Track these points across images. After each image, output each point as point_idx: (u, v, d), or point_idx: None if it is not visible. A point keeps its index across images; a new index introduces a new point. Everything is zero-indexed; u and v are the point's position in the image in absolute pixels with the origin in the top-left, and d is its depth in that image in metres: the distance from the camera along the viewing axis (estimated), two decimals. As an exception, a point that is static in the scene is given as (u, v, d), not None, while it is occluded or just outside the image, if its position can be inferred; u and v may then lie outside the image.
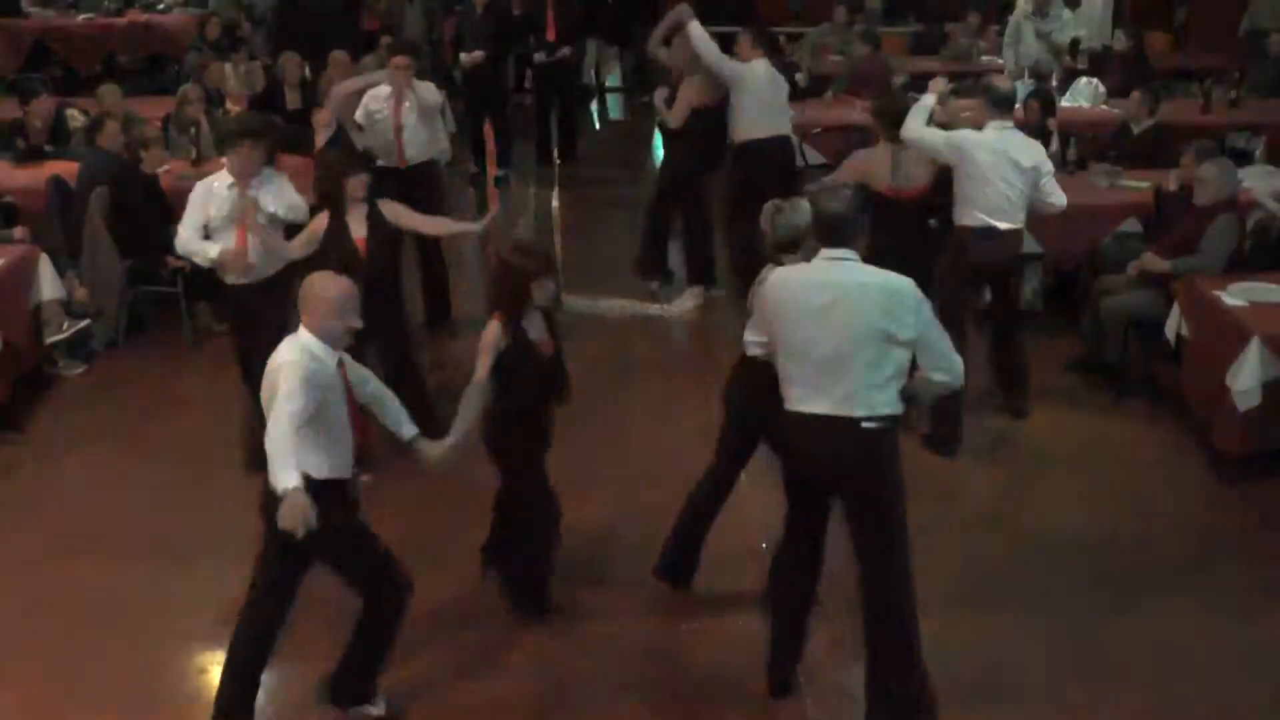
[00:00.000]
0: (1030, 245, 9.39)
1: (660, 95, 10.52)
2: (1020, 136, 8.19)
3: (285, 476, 4.85)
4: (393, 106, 9.86)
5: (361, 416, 5.50)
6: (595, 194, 13.92)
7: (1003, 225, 8.01)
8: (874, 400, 5.16)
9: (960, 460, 7.93)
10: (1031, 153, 8.11)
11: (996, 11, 16.06)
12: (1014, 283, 8.57)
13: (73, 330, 9.26)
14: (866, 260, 5.29)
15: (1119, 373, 8.87)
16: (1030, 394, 8.59)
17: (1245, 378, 7.65)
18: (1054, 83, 13.21)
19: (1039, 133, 10.63)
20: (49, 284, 9.08)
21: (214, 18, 14.96)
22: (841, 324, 5.14)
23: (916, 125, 8.11)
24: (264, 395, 5.16)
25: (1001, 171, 7.98)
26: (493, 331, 5.89)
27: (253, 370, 6.93)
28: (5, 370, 8.53)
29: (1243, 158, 10.73)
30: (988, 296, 8.69)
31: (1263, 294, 8.14)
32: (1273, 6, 15.30)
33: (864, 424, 5.17)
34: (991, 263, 8.12)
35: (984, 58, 14.90)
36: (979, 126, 8.20)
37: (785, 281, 5.39)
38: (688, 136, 10.35)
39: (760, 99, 10.06)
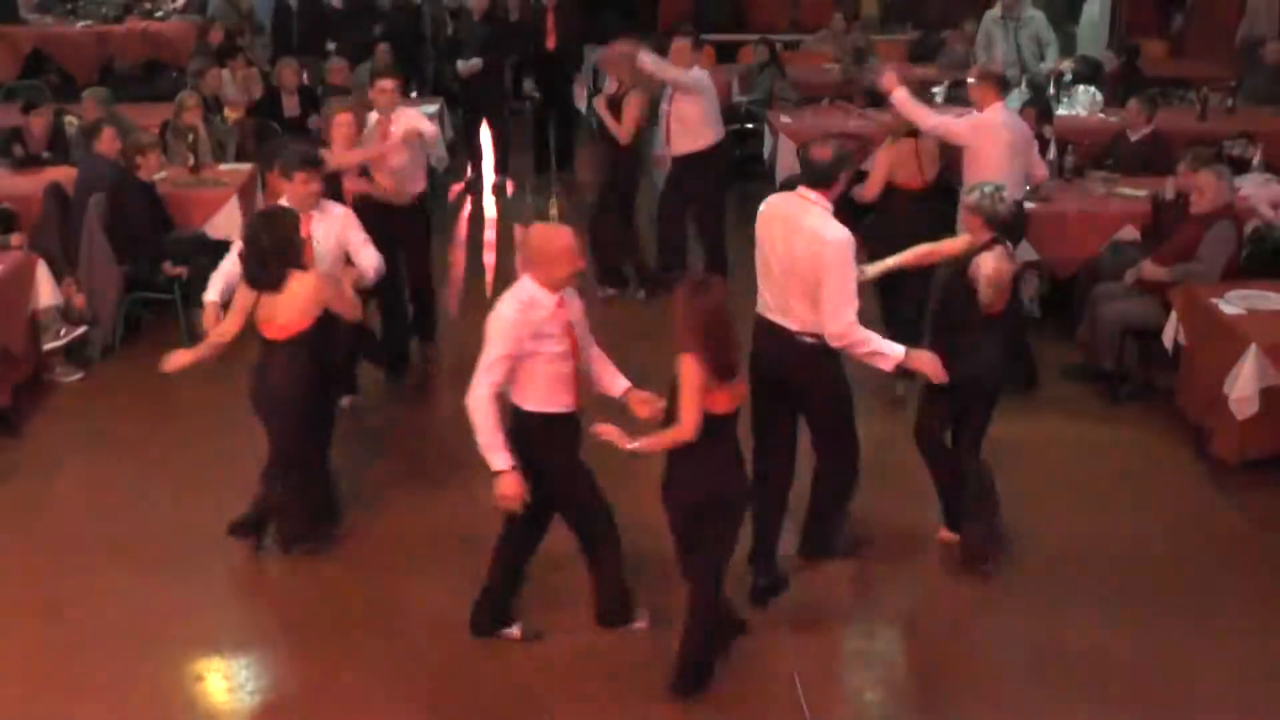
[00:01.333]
0: (1027, 253, 9.42)
1: (600, 104, 10.71)
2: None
3: (496, 460, 5.63)
4: (378, 138, 8.91)
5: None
6: (592, 201, 13.82)
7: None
8: (808, 320, 6.17)
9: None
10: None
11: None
12: None
13: (70, 337, 9.23)
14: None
15: (1116, 380, 8.86)
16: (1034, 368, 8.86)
17: (1243, 385, 7.65)
18: (1053, 88, 13.21)
19: (1036, 138, 10.65)
20: (46, 291, 9.04)
21: (216, 24, 14.94)
22: (784, 253, 6.21)
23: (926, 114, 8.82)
24: None
25: (1020, 147, 8.82)
26: (696, 372, 5.46)
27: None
28: (3, 377, 8.51)
29: (1239, 165, 10.70)
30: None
31: (1260, 302, 8.14)
32: (1269, 15, 15.30)
33: (800, 337, 6.24)
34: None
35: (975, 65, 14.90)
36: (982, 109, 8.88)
37: (768, 203, 6.42)
38: (633, 149, 10.60)
39: (713, 104, 10.49)
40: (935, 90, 13.19)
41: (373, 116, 9.08)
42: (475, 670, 6.08)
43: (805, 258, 6.12)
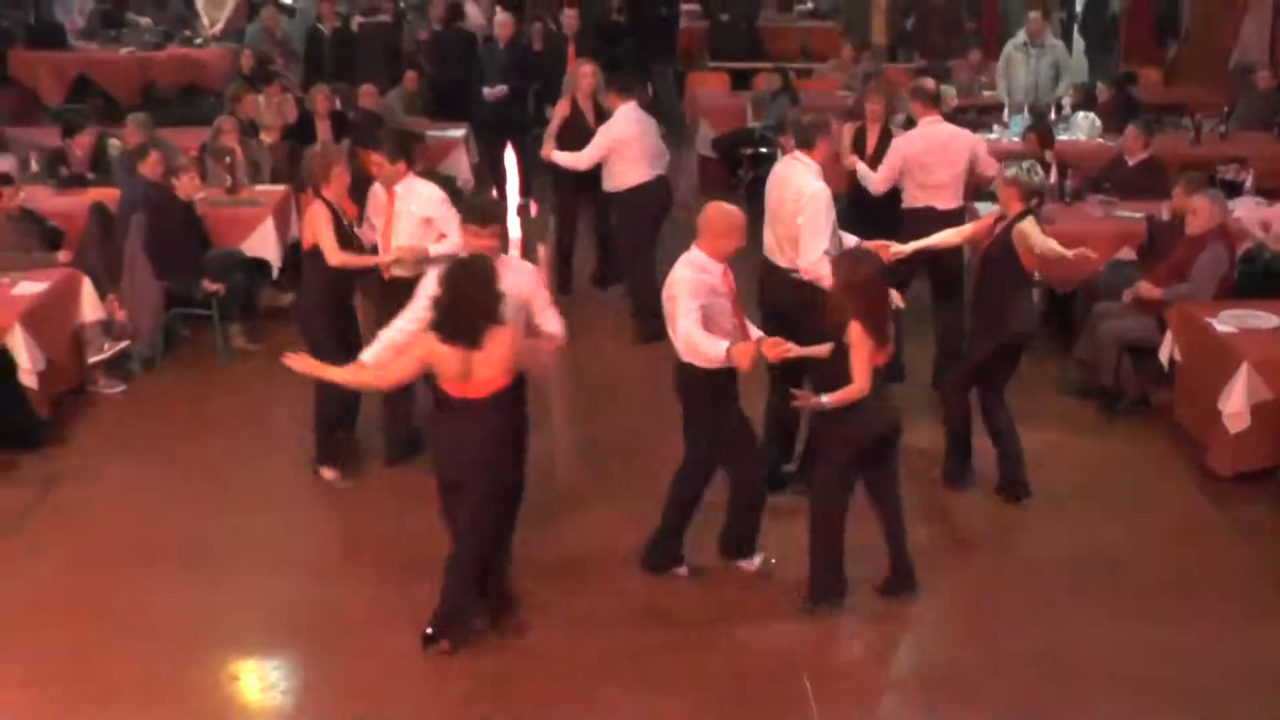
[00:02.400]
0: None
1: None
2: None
3: (716, 346, 6.08)
4: (385, 207, 7.95)
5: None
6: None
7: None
8: (792, 257, 7.36)
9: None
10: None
11: (997, 48, 16.04)
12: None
13: (113, 351, 9.27)
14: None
15: (1114, 395, 8.85)
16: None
17: (1235, 401, 7.66)
18: (1054, 114, 13.20)
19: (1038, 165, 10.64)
20: (90, 306, 9.10)
21: (248, 50, 15.01)
22: (775, 203, 7.43)
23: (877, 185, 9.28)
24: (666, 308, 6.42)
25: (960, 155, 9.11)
26: (863, 337, 6.15)
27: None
28: (49, 388, 8.55)
29: (1232, 189, 10.69)
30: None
31: (1252, 320, 8.15)
32: (1260, 43, 15.28)
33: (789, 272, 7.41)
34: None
35: (985, 92, 14.88)
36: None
37: (774, 169, 7.69)
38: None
39: (635, 147, 10.17)
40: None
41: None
42: (506, 670, 6.10)
43: (790, 207, 7.31)
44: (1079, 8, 16.26)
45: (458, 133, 13.53)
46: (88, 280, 9.18)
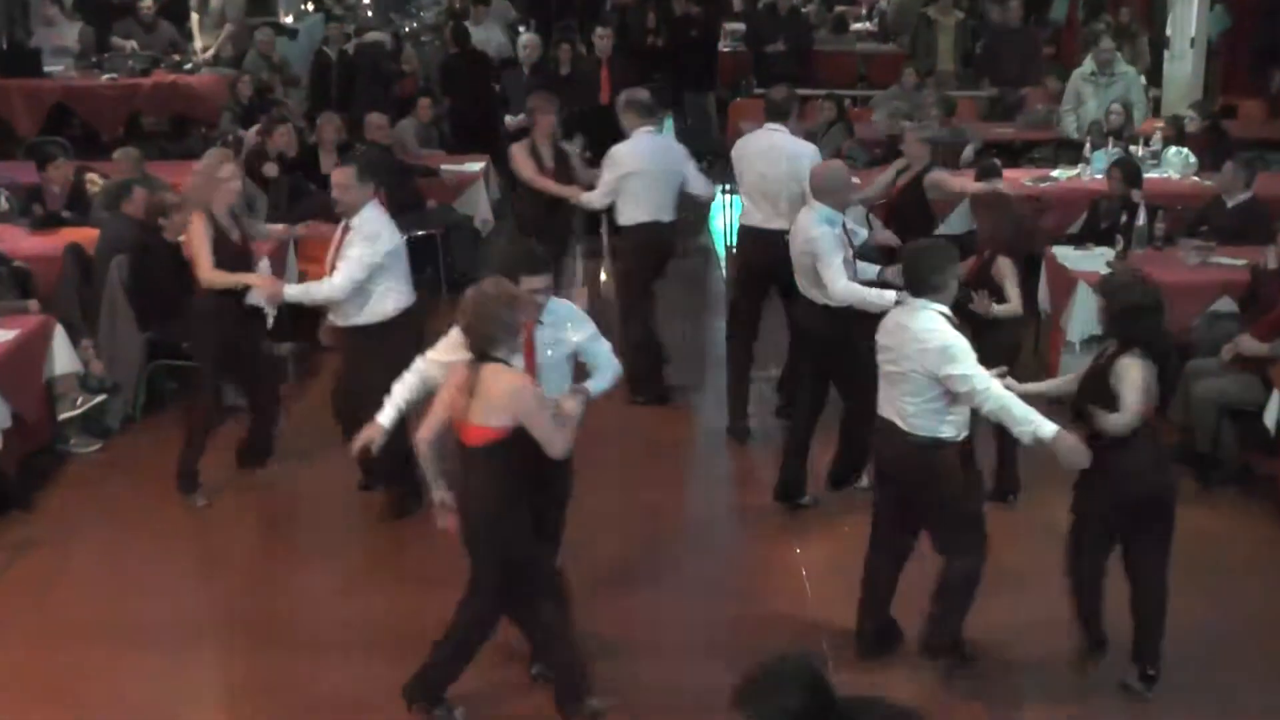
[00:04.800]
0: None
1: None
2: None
3: (883, 296, 7.66)
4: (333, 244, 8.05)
5: None
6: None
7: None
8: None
9: (1035, 546, 7.82)
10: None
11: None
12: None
13: (88, 405, 9.32)
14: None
15: (1212, 463, 8.79)
16: None
17: (1351, 471, 7.59)
18: (1141, 148, 13.18)
19: (1123, 204, 10.63)
20: (63, 357, 9.14)
21: (245, 78, 15.14)
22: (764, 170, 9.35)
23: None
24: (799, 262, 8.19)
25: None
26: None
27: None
28: (17, 447, 8.59)
29: (1346, 233, 10.64)
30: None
31: (1369, 379, 8.09)
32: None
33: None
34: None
35: (1061, 124, 14.88)
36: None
37: (749, 144, 9.67)
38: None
39: (643, 180, 10.02)
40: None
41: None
42: None
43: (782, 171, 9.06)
44: (1169, 30, 16.22)
45: (476, 166, 13.59)
46: (61, 328, 9.23)
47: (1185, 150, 13.01)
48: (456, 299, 6.13)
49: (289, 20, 19.26)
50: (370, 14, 20.59)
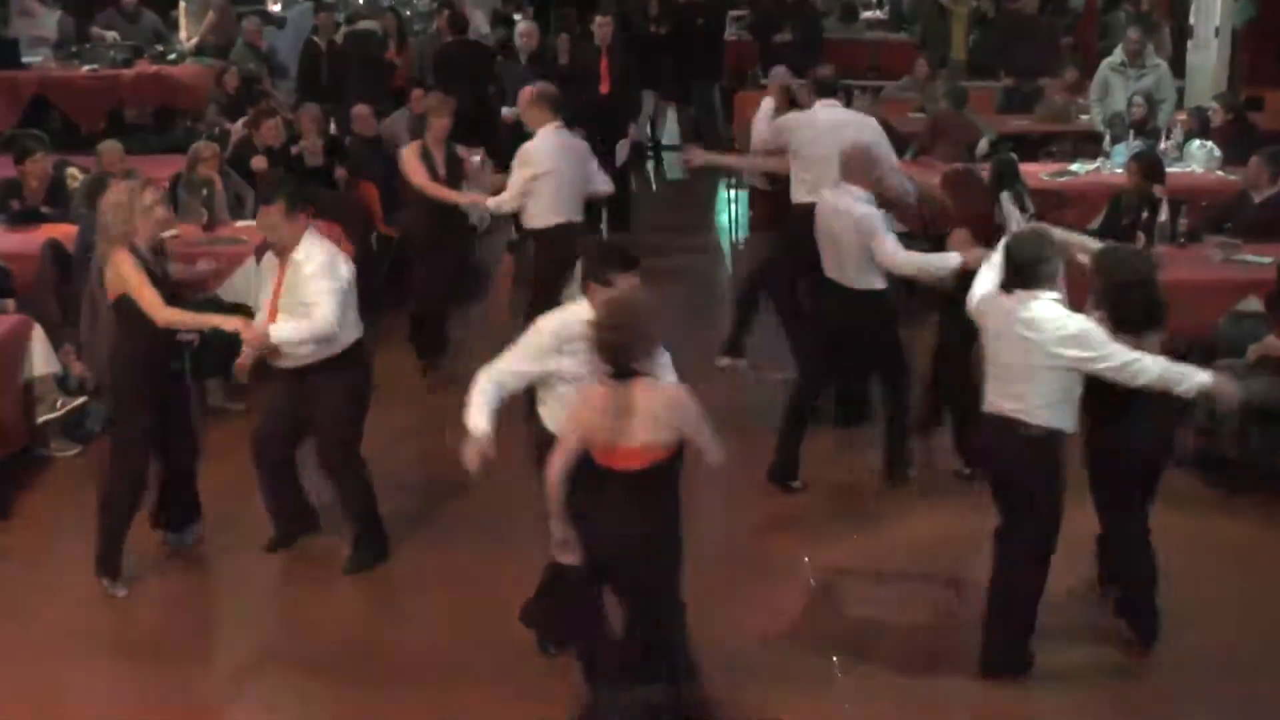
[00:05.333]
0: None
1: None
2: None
3: (945, 259, 8.36)
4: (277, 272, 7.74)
5: None
6: (652, 265, 13.65)
7: None
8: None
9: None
10: None
11: (1097, 66, 16.07)
12: None
13: (67, 408, 9.31)
14: None
15: (1238, 468, 8.78)
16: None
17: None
18: (1164, 141, 13.16)
19: (1144, 200, 10.60)
20: (42, 358, 9.15)
21: (232, 69, 15.13)
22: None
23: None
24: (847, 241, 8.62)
25: None
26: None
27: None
28: (-7, 451, 8.60)
29: (1376, 229, 10.63)
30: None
31: (1405, 381, 8.08)
32: None
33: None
34: None
35: (1082, 117, 14.88)
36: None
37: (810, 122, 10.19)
38: None
39: (554, 181, 9.90)
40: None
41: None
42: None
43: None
44: (1193, 19, 16.22)
45: (472, 159, 13.52)
46: (39, 328, 9.23)
47: (1209, 143, 12.98)
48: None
49: (277, 8, 19.24)
50: (362, 0, 20.56)
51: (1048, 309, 6.46)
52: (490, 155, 13.93)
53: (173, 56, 16.57)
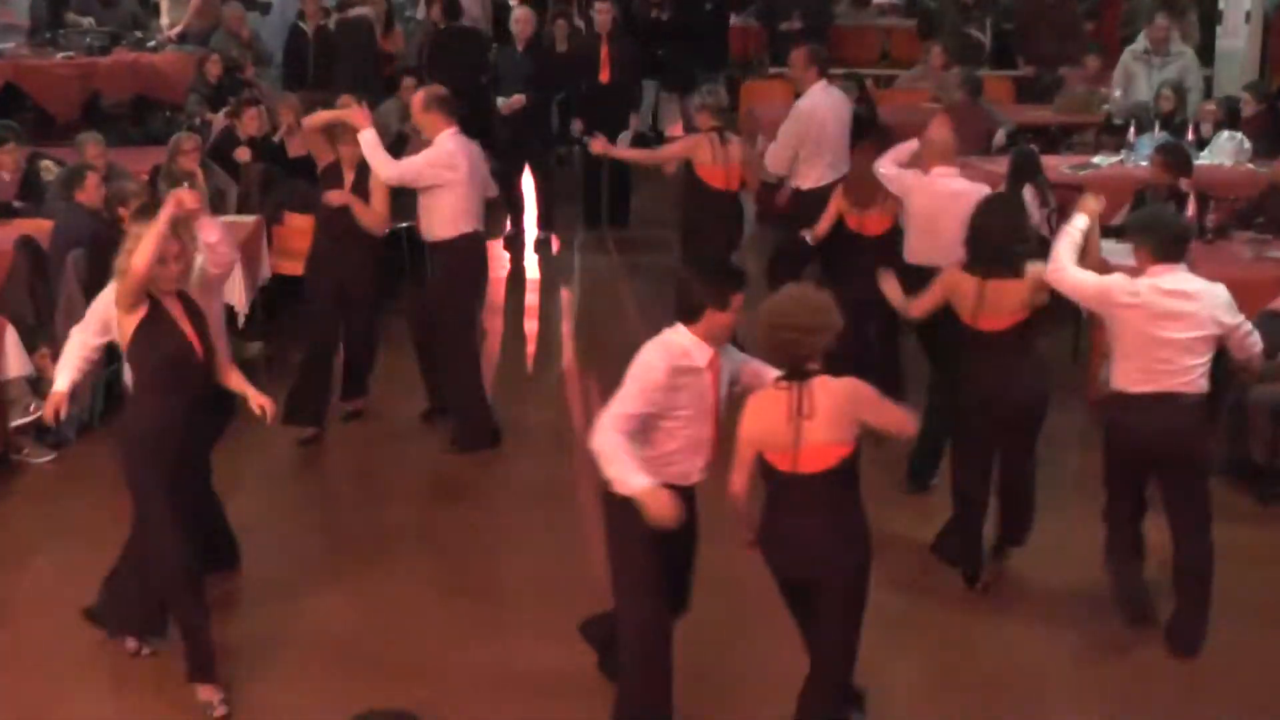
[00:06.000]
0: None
1: None
2: None
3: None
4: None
5: None
6: (655, 262, 13.73)
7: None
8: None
9: (1075, 569, 7.90)
10: None
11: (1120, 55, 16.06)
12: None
13: (41, 412, 9.30)
14: None
15: (1269, 475, 8.77)
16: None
17: None
18: (1191, 134, 13.16)
19: (1170, 194, 10.60)
20: (15, 359, 9.14)
21: (214, 57, 15.10)
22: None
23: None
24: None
25: None
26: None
27: None
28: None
29: None
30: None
31: None
32: None
33: None
34: None
35: (1105, 106, 14.86)
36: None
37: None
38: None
39: (461, 189, 9.59)
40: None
41: None
42: None
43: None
44: (1222, 4, 16.20)
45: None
46: (12, 329, 9.22)
47: (1239, 135, 12.97)
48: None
49: (260, -8, 19.22)
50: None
51: (1199, 280, 7.06)
52: (484, 147, 13.93)
53: (152, 44, 16.50)
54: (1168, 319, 6.92)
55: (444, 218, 9.55)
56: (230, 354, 7.63)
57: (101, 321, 7.01)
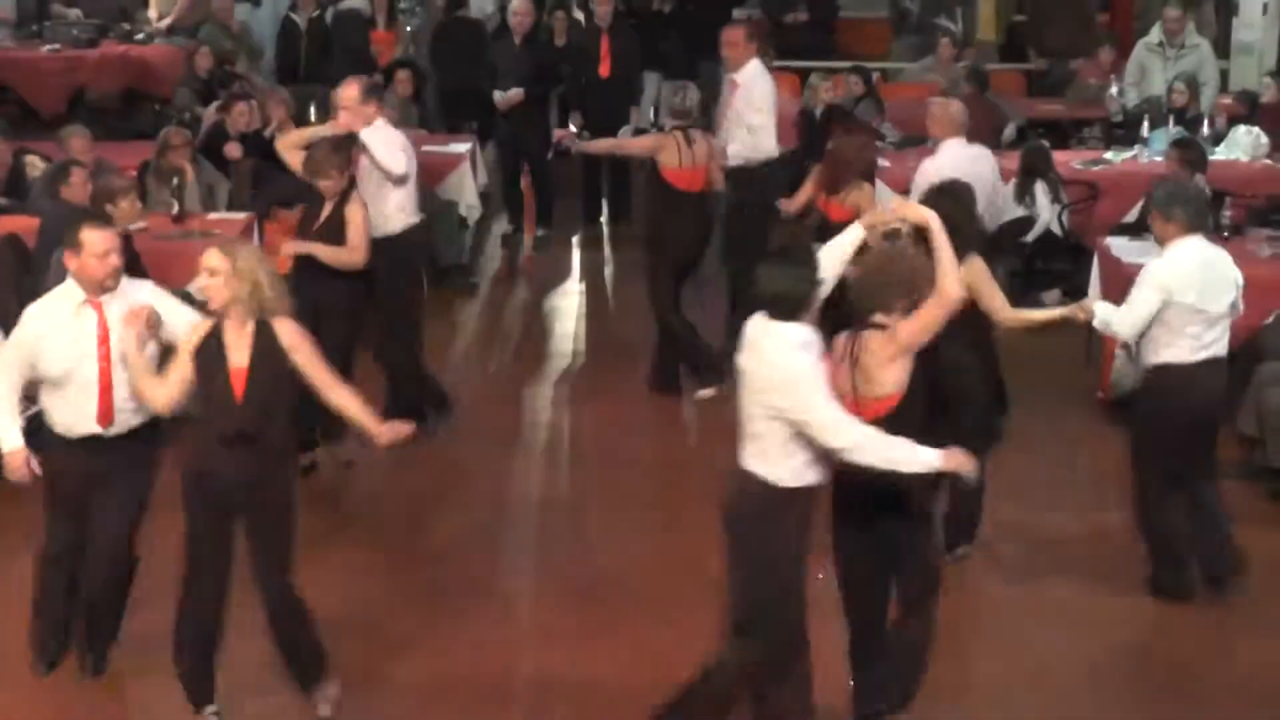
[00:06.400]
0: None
1: None
2: None
3: None
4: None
5: None
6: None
7: None
8: None
9: (1087, 580, 7.92)
10: None
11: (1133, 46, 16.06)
12: None
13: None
14: None
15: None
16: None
17: None
18: (1205, 127, 13.16)
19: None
20: (0, 360, 9.12)
21: (204, 50, 15.10)
22: None
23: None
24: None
25: None
26: None
27: None
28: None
29: None
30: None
31: None
32: None
33: None
34: None
35: (1117, 99, 14.85)
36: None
37: None
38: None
39: (407, 181, 9.65)
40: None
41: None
42: None
43: None
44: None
45: (461, 148, 13.52)
46: (-2, 329, 9.22)
47: (1256, 129, 12.96)
48: (439, 294, 6.12)
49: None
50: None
51: (1212, 245, 7.67)
52: (485, 138, 13.95)
53: (140, 36, 16.48)
54: (1211, 287, 7.46)
55: (395, 209, 9.54)
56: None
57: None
